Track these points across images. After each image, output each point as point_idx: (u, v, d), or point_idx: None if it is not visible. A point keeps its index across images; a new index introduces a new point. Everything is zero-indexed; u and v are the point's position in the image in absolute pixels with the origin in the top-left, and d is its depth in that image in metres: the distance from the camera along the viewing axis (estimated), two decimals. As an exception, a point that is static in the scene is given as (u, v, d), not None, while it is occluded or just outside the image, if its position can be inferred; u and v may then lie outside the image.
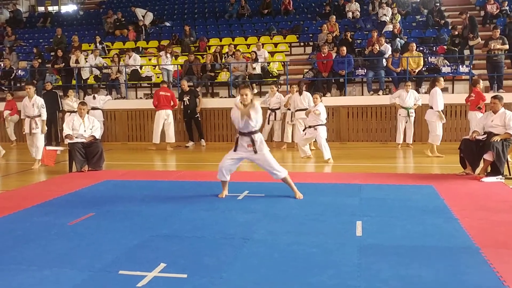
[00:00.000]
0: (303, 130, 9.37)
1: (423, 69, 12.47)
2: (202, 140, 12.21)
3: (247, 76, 13.15)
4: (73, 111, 11.84)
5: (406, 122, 10.80)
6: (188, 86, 12.12)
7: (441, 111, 9.26)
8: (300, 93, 10.43)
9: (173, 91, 12.17)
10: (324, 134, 9.09)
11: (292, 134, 11.08)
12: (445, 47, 13.34)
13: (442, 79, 9.65)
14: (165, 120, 11.68)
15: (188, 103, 11.88)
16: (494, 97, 7.36)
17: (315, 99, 9.11)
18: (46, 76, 14.42)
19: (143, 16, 17.50)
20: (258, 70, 13.07)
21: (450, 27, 13.99)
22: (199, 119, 12.17)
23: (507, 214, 5.09)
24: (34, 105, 9.00)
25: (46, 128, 9.39)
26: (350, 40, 13.83)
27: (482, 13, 15.59)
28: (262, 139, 5.96)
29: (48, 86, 12.84)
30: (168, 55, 13.48)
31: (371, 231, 4.58)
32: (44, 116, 9.08)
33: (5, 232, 4.80)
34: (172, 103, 11.75)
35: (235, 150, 6.02)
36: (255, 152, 5.88)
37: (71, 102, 12.45)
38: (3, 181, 8.08)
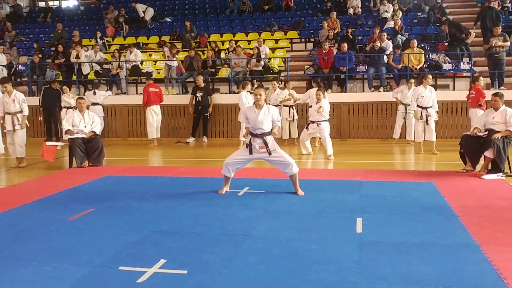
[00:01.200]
0: (306, 127, 9.32)
1: (424, 66, 12.43)
2: (205, 137, 12.19)
3: (247, 72, 13.14)
4: (70, 107, 11.84)
5: (404, 118, 10.82)
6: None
7: (421, 108, 9.27)
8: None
9: (160, 87, 12.26)
10: (328, 129, 9.11)
11: (289, 130, 11.11)
12: (445, 44, 13.33)
13: (430, 76, 9.55)
14: (157, 116, 11.77)
15: (200, 99, 11.89)
16: (495, 95, 7.34)
17: (318, 95, 9.10)
18: (46, 72, 14.41)
19: (144, 12, 17.46)
20: (259, 66, 13.05)
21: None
22: (208, 117, 12.16)
23: (507, 212, 5.09)
24: (15, 100, 8.64)
25: (28, 124, 9.11)
26: (351, 37, 13.79)
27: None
28: (273, 139, 5.98)
29: (54, 85, 12.73)
30: (170, 55, 13.41)
31: (371, 228, 4.58)
32: (26, 111, 8.72)
33: (6, 228, 4.80)
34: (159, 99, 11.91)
35: (250, 153, 5.97)
36: (270, 153, 5.89)
37: (67, 98, 12.41)
38: (4, 176, 8.08)
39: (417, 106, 9.27)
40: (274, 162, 6.01)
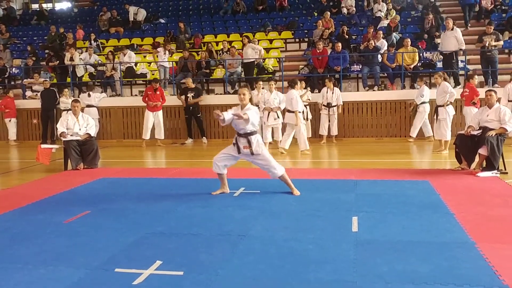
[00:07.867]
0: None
1: (418, 64, 12.47)
2: (204, 138, 12.18)
3: (242, 70, 13.10)
4: (70, 109, 11.83)
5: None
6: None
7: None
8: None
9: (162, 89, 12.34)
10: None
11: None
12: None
13: (439, 73, 9.48)
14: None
15: (191, 100, 11.90)
16: (489, 90, 7.37)
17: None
18: (40, 74, 14.36)
19: (136, 14, 17.38)
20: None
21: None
22: (202, 118, 12.16)
23: (502, 209, 5.11)
24: None
25: None
26: (347, 36, 13.79)
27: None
28: (259, 140, 5.94)
29: (46, 84, 12.78)
30: (167, 51, 13.43)
31: (367, 226, 4.59)
32: None
33: (1, 231, 4.78)
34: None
35: (238, 152, 5.95)
36: (252, 153, 5.87)
37: (66, 99, 12.40)
38: (-2, 179, 8.05)
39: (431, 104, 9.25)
40: (258, 164, 6.02)
